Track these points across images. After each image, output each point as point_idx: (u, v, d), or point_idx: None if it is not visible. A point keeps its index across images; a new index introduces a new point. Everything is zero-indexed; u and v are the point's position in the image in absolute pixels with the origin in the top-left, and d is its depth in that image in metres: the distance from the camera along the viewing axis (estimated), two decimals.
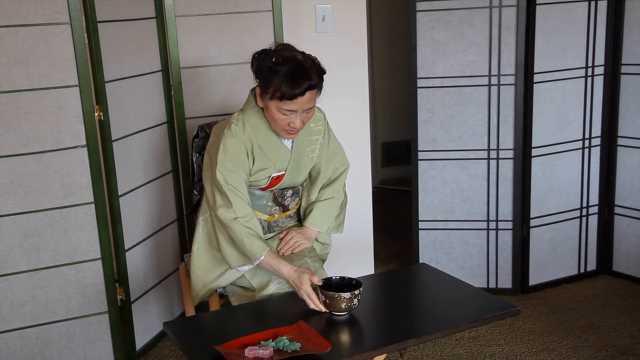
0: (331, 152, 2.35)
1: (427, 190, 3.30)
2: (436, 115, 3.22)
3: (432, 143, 3.24)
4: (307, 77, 2.01)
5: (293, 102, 2.02)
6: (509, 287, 3.32)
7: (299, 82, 2.00)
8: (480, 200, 3.28)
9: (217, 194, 2.13)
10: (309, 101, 2.05)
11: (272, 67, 2.02)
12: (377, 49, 4.94)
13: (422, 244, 3.34)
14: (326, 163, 2.34)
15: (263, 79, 2.05)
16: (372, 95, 4.86)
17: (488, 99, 3.17)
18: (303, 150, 2.25)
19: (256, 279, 2.17)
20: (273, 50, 2.08)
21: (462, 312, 1.92)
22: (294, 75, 2.00)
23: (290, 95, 2.00)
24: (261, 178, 2.21)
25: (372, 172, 3.37)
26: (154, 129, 2.84)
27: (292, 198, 2.33)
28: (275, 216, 2.32)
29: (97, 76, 2.45)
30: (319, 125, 2.30)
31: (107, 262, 2.58)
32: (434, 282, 2.15)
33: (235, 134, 2.13)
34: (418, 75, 3.17)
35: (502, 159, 3.22)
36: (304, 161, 2.27)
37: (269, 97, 2.04)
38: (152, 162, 2.84)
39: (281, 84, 2.00)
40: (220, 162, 2.12)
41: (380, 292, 2.13)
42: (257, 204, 2.26)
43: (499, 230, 3.28)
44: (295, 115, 2.06)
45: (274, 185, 2.24)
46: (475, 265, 3.33)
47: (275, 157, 2.19)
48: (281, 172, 2.22)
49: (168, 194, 2.95)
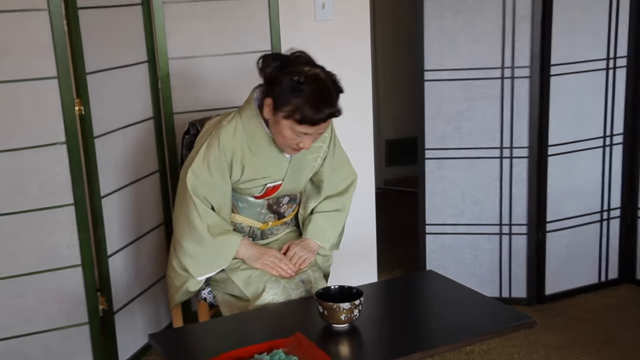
0: (336, 162, 2.35)
1: (435, 191, 3.29)
2: (444, 111, 3.22)
3: (440, 140, 3.24)
4: (332, 104, 2.03)
5: (310, 127, 2.03)
6: (524, 296, 3.32)
7: (322, 108, 2.01)
8: (492, 202, 3.27)
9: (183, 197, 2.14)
10: (326, 126, 2.08)
11: (295, 86, 2.00)
12: (380, 38, 4.94)
13: (429, 250, 3.33)
14: (330, 173, 2.34)
15: (280, 94, 2.03)
16: (376, 88, 4.86)
17: (501, 93, 3.16)
18: (303, 159, 2.25)
19: (250, 287, 2.17)
20: (289, 59, 2.07)
21: (473, 323, 1.92)
22: (318, 99, 2.00)
23: (312, 121, 2.01)
24: (254, 186, 2.21)
25: (375, 172, 3.37)
26: (140, 125, 2.83)
27: (288, 205, 2.34)
28: (270, 224, 2.33)
29: (77, 67, 2.45)
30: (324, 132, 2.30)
31: (88, 269, 2.57)
32: (441, 291, 2.15)
33: (223, 143, 2.12)
34: (425, 68, 3.17)
35: (516, 157, 3.22)
36: (304, 171, 2.28)
37: (284, 115, 2.04)
38: (137, 160, 2.83)
39: (303, 107, 2.00)
40: (197, 163, 2.13)
41: (384, 301, 2.14)
42: (250, 211, 2.27)
43: (513, 234, 3.28)
44: (307, 137, 2.08)
45: (269, 194, 2.25)
46: (486, 273, 3.33)
47: (271, 167, 2.19)
48: (277, 182, 2.22)
49: (154, 196, 2.95)
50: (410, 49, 3.91)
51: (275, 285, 2.13)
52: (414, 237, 3.44)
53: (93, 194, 2.57)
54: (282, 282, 2.12)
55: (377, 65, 4.94)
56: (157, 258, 2.99)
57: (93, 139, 2.55)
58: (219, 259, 2.15)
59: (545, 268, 3.30)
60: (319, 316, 1.91)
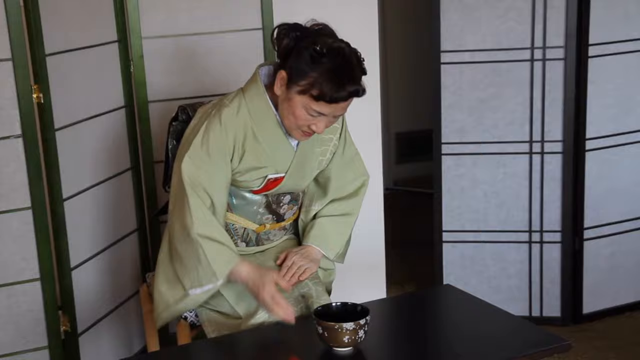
0: (346, 159, 2.36)
1: (453, 192, 3.28)
2: (465, 99, 3.20)
3: (460, 134, 3.23)
4: (355, 81, 2.04)
5: (328, 106, 2.04)
6: (557, 315, 3.31)
7: (345, 84, 2.02)
8: (520, 205, 3.26)
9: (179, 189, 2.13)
10: (344, 107, 2.08)
11: (315, 57, 2.02)
12: (390, 15, 4.94)
13: (446, 261, 3.33)
14: (339, 171, 2.35)
15: (297, 66, 2.04)
16: (384, 73, 4.85)
17: (530, 78, 3.16)
18: (311, 151, 2.26)
19: (243, 304, 2.17)
20: (310, 31, 2.08)
21: (498, 347, 1.91)
22: (340, 74, 2.01)
23: (331, 98, 2.02)
24: (254, 178, 2.21)
25: (384, 171, 3.36)
26: (109, 115, 2.82)
27: (289, 206, 2.34)
28: (267, 226, 2.32)
29: (35, 48, 2.44)
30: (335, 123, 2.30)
31: (48, 284, 2.56)
32: (461, 309, 2.15)
33: (225, 121, 2.13)
34: (442, 48, 3.17)
35: (548, 153, 3.20)
36: (310, 164, 2.28)
37: (300, 90, 2.04)
38: (107, 156, 2.83)
39: (322, 82, 2.01)
40: (195, 148, 2.12)
41: (394, 321, 2.12)
42: (246, 210, 2.26)
43: (544, 243, 3.27)
44: (322, 118, 2.08)
45: (269, 189, 2.25)
46: (514, 288, 3.32)
47: (274, 155, 2.20)
48: (280, 174, 2.22)
49: (127, 197, 2.95)
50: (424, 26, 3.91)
51: None
52: (429, 246, 3.43)
53: (54, 196, 2.56)
54: None
55: (386, 46, 4.93)
56: (130, 270, 2.99)
57: (54, 131, 2.54)
58: (208, 270, 2.11)
59: (582, 282, 3.30)
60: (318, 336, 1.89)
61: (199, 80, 2.94)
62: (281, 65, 2.10)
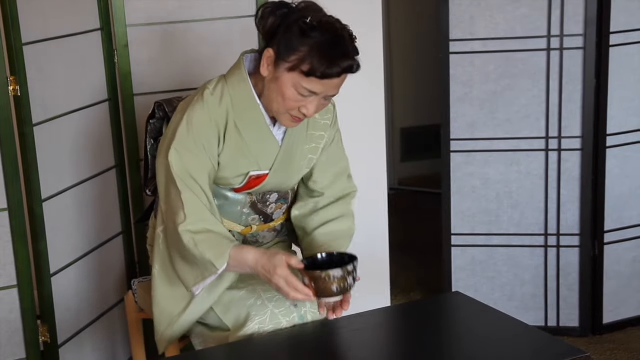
0: (333, 157, 2.34)
1: (463, 192, 3.29)
2: (475, 92, 3.21)
3: (470, 129, 3.24)
4: (348, 55, 2.05)
5: (320, 83, 2.04)
6: (576, 325, 3.32)
7: (337, 59, 2.02)
8: (535, 206, 3.27)
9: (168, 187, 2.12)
10: (337, 86, 2.09)
11: (305, 30, 2.03)
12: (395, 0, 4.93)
13: (455, 266, 3.34)
14: (323, 171, 2.34)
15: (286, 41, 2.05)
16: (389, 63, 4.85)
17: (547, 69, 3.16)
18: (299, 148, 2.26)
19: (231, 314, 2.17)
20: (297, 8, 2.10)
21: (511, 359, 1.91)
22: (333, 48, 2.03)
23: (323, 73, 2.02)
24: (234, 175, 2.20)
25: (388, 169, 3.37)
26: (92, 109, 2.82)
27: (277, 205, 2.33)
28: (254, 228, 2.32)
29: (11, 37, 2.44)
30: (326, 118, 2.30)
31: (26, 291, 2.56)
32: (471, 318, 2.15)
33: (208, 105, 2.13)
34: (451, 37, 3.17)
35: (566, 150, 3.21)
36: (298, 162, 2.28)
37: (289, 67, 2.05)
38: (89, 154, 2.83)
39: (313, 56, 2.01)
40: (181, 137, 2.12)
41: (399, 331, 2.12)
42: (229, 211, 2.26)
43: (562, 247, 3.28)
44: (313, 99, 2.08)
45: (252, 186, 2.24)
46: (529, 296, 3.32)
47: (257, 149, 2.19)
48: (263, 171, 2.23)
49: (111, 198, 2.95)
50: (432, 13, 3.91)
51: (261, 312, 2.12)
52: (437, 251, 3.43)
53: (32, 196, 2.56)
54: (270, 308, 2.12)
55: (390, 34, 4.93)
56: (115, 277, 2.99)
57: (32, 126, 2.54)
58: (206, 261, 2.09)
59: (602, 290, 3.30)
60: (315, 349, 1.90)
61: (188, 71, 2.94)
62: (267, 44, 2.11)
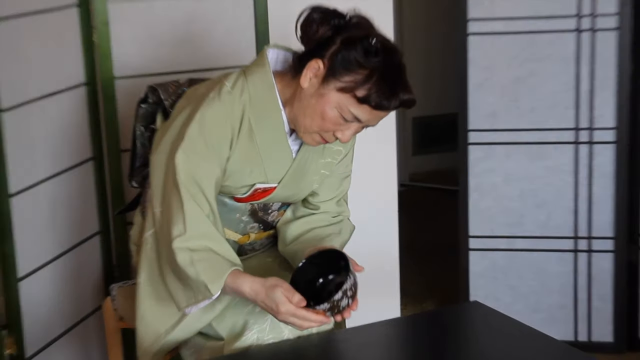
0: (341, 174, 2.35)
1: (483, 190, 3.29)
2: (496, 77, 3.21)
3: (491, 119, 3.25)
4: (408, 89, 2.07)
5: (370, 112, 2.06)
6: (609, 340, 3.33)
7: (398, 90, 2.05)
8: (563, 206, 3.27)
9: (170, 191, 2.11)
10: (382, 118, 2.12)
11: (369, 52, 2.03)
12: None
13: (473, 273, 3.35)
14: (328, 186, 2.34)
15: (344, 58, 2.05)
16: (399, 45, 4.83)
17: (576, 52, 3.17)
18: (313, 162, 2.27)
19: (226, 322, 2.16)
20: (349, 23, 2.10)
21: None
22: (394, 78, 2.05)
23: (378, 104, 2.04)
24: (239, 185, 2.20)
25: (399, 163, 3.36)
26: (67, 94, 2.82)
27: (279, 213, 2.35)
28: (252, 236, 2.33)
29: None
30: None
31: None
32: (491, 331, 2.14)
33: (224, 104, 2.12)
34: (469, 16, 3.17)
35: (598, 143, 3.22)
36: (310, 177, 2.29)
37: (341, 87, 2.05)
38: (64, 144, 2.83)
39: (373, 83, 2.03)
40: (191, 139, 2.10)
41: (410, 345, 2.12)
42: (226, 218, 2.25)
43: (593, 252, 3.28)
44: (353, 125, 2.10)
45: (256, 199, 2.25)
46: (556, 307, 3.33)
47: (269, 158, 2.19)
48: (272, 184, 2.23)
49: (87, 193, 2.95)
50: None
51: (260, 320, 2.12)
52: (452, 255, 3.43)
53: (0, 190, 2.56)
54: (270, 315, 2.10)
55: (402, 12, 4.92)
56: (91, 281, 2.99)
57: (0, 113, 2.53)
58: (199, 283, 2.08)
59: (639, 300, 3.30)
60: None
61: (176, 51, 2.93)
62: (313, 54, 2.09)
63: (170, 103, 2.37)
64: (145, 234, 2.21)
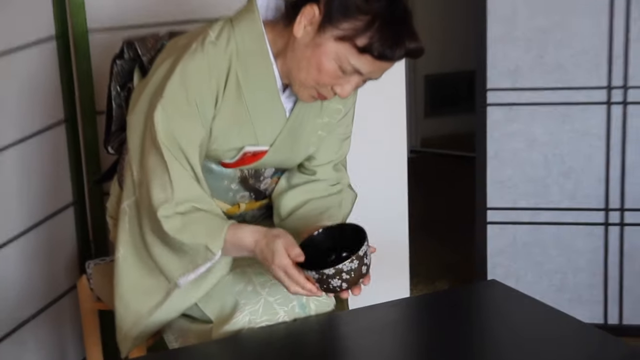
0: (341, 135, 2.36)
1: (503, 156, 3.30)
2: (519, 29, 3.22)
3: (512, 76, 3.25)
4: (415, 37, 2.06)
5: (372, 63, 2.05)
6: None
7: (403, 38, 2.03)
8: (593, 174, 3.28)
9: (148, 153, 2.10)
10: (386, 70, 2.10)
11: None
12: None
13: (491, 249, 3.37)
14: (325, 148, 2.35)
15: (341, 3, 2.04)
16: None
17: (610, 0, 3.13)
18: (309, 122, 2.27)
19: (214, 303, 2.17)
20: None
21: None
22: (399, 25, 2.04)
23: (381, 53, 2.02)
24: (226, 148, 2.20)
25: (409, 128, 3.36)
26: (35, 49, 2.82)
27: (272, 179, 2.35)
28: (242, 207, 2.34)
29: None
30: None
31: None
32: (512, 313, 2.15)
33: (208, 55, 2.11)
34: None
35: (633, 103, 3.21)
36: (306, 139, 2.29)
37: (339, 35, 2.04)
38: (33, 105, 2.83)
39: (375, 30, 2.01)
40: (171, 93, 2.10)
41: (421, 328, 2.13)
42: (213, 186, 2.25)
43: (626, 225, 3.29)
44: (354, 78, 2.09)
45: (245, 163, 2.26)
46: (584, 286, 3.34)
47: (259, 117, 2.18)
48: (262, 147, 2.22)
49: (59, 160, 2.96)
50: None
51: (253, 300, 2.12)
52: (468, 229, 3.43)
53: None
54: (263, 295, 2.12)
55: None
56: (65, 257, 3.01)
57: None
58: (198, 245, 2.10)
59: None
60: (318, 351, 1.92)
61: (154, 1, 2.93)
62: None
63: (148, 59, 2.35)
64: (123, 204, 2.22)
